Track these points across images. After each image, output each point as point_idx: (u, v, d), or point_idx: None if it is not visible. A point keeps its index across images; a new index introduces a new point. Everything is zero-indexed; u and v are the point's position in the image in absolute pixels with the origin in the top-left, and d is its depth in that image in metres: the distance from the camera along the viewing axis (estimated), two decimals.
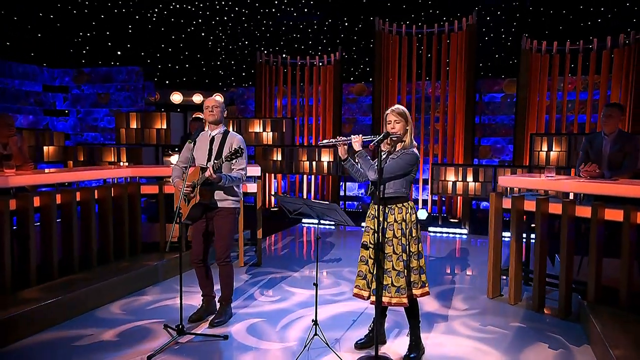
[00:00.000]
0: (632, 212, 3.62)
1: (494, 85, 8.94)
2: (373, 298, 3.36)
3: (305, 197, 9.27)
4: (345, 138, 3.44)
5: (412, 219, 3.34)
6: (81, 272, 4.58)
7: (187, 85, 10.37)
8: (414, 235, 3.34)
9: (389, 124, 3.36)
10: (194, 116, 6.89)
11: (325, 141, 3.64)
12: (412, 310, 3.43)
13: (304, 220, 8.53)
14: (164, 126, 7.96)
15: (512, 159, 8.09)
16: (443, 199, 8.43)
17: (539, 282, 4.21)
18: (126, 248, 5.16)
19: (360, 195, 9.76)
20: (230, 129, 3.79)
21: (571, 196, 4.52)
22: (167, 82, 10.35)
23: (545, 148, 7.18)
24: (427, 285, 3.40)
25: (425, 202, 8.58)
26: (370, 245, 3.44)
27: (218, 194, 3.88)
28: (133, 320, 3.98)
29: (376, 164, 3.35)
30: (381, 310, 3.61)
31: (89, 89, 10.57)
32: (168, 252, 5.35)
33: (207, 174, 3.63)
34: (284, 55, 9.50)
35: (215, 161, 3.70)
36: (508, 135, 8.88)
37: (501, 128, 8.94)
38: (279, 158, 8.66)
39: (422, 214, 8.15)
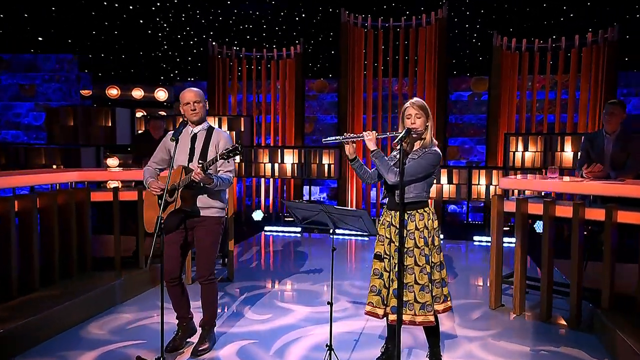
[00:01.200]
0: None
1: (462, 84, 8.95)
2: (392, 317, 3.06)
3: (263, 202, 8.85)
4: (354, 135, 3.13)
5: (434, 226, 3.08)
6: (21, 294, 3.95)
7: (124, 79, 9.59)
8: (436, 244, 3.08)
9: (408, 118, 3.07)
10: (152, 114, 6.25)
11: (331, 138, 3.30)
12: (434, 328, 3.16)
13: (266, 228, 8.11)
14: (109, 124, 7.25)
15: (485, 160, 8.11)
16: None
17: (547, 290, 4.09)
18: (74, 265, 4.54)
19: (322, 200, 9.46)
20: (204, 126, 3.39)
21: (552, 197, 4.46)
22: (100, 74, 9.51)
23: (520, 148, 7.22)
24: (449, 299, 3.15)
25: None
26: (386, 257, 3.14)
27: (201, 200, 3.42)
28: (91, 349, 3.43)
29: (395, 165, 3.08)
30: (391, 332, 3.32)
31: (8, 79, 9.51)
32: (125, 270, 4.83)
33: (195, 175, 3.18)
34: (237, 48, 9.03)
35: (200, 161, 3.25)
36: (477, 136, 8.93)
37: (469, 128, 8.97)
38: (237, 160, 8.18)
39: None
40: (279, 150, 8.07)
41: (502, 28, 8.00)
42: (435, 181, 3.23)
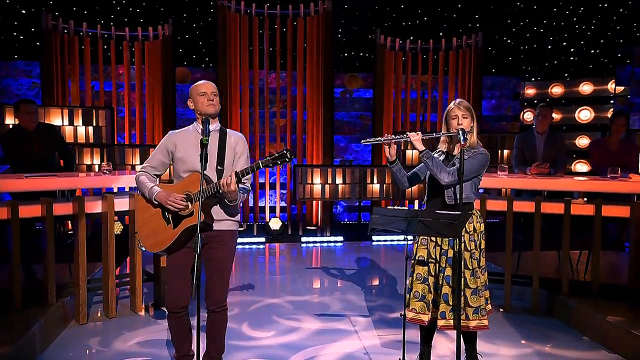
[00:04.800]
0: (604, 206, 4.39)
1: (335, 80, 9.36)
2: (441, 322, 3.19)
3: None
4: (394, 136, 3.19)
5: (482, 229, 3.28)
6: None
7: None
8: (482, 247, 3.29)
9: (454, 119, 3.21)
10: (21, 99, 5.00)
11: (371, 140, 3.31)
12: (474, 333, 3.36)
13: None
14: None
15: (371, 159, 8.63)
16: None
17: (509, 281, 4.67)
18: None
19: None
20: None
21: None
22: None
23: (410, 147, 7.91)
24: (489, 302, 3.39)
25: (273, 209, 8.40)
26: (431, 261, 3.25)
27: (215, 211, 3.05)
28: None
29: (449, 165, 3.21)
30: (427, 335, 3.43)
31: None
32: (32, 307, 3.95)
33: (227, 186, 2.83)
34: (86, 24, 7.91)
35: (236, 171, 2.89)
36: (351, 133, 9.44)
37: (343, 125, 9.44)
38: (97, 162, 7.19)
39: (276, 224, 7.98)
40: (150, 150, 7.35)
41: (384, 27, 8.62)
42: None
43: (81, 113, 7.21)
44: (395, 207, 3.14)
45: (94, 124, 7.28)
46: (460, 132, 3.05)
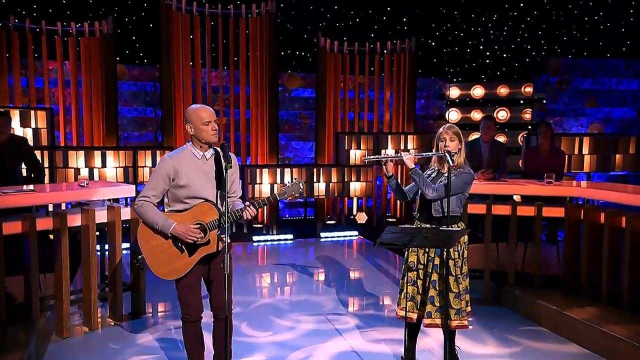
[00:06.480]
0: (543, 208, 5.12)
1: None
2: (427, 321, 3.69)
3: None
4: (392, 155, 3.63)
5: (465, 240, 3.79)
6: None
7: None
8: (465, 256, 3.80)
9: (442, 141, 3.69)
10: None
11: (373, 157, 3.71)
12: (453, 331, 3.88)
13: None
14: None
15: (315, 158, 9.02)
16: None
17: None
18: None
19: None
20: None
21: None
22: None
23: (354, 147, 8.41)
24: (469, 304, 3.91)
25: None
26: (420, 266, 3.72)
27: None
28: None
29: (432, 181, 3.68)
30: (413, 331, 3.91)
31: None
32: (16, 325, 3.96)
33: (251, 216, 3.18)
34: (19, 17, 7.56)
35: (256, 201, 3.21)
36: (290, 132, 9.77)
37: (283, 124, 9.72)
38: None
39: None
40: (93, 152, 7.24)
41: (324, 29, 8.99)
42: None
43: (18, 114, 6.94)
44: (405, 226, 3.55)
45: (33, 126, 7.03)
46: (447, 154, 3.54)
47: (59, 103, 7.96)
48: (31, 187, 4.41)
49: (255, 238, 7.98)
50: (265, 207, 3.27)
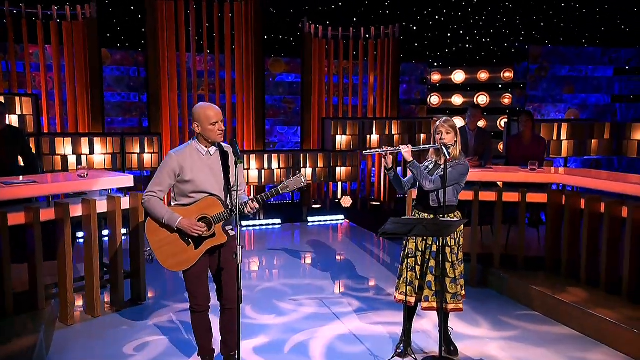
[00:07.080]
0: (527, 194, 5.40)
1: None
2: (424, 304, 3.94)
3: None
4: (392, 148, 3.81)
5: (461, 228, 4.01)
6: None
7: None
8: (460, 243, 4.03)
9: (438, 134, 3.88)
10: None
11: (371, 150, 3.90)
12: (448, 314, 4.12)
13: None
14: None
15: (300, 144, 9.15)
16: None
17: None
18: None
19: None
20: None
21: None
22: None
23: (340, 132, 8.56)
24: (464, 289, 4.15)
25: None
26: (418, 252, 3.94)
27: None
28: None
29: (429, 173, 3.88)
30: (410, 314, 4.15)
31: None
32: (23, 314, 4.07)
33: (255, 209, 3.31)
34: None
35: (259, 196, 3.35)
36: (275, 117, 9.86)
37: (268, 109, 9.78)
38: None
39: None
40: (80, 139, 7.24)
41: (310, 13, 9.05)
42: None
43: (3, 101, 6.87)
44: (407, 217, 3.74)
45: (18, 113, 6.98)
46: (443, 147, 3.74)
47: (40, 88, 7.90)
48: (32, 178, 4.47)
49: (244, 223, 8.11)
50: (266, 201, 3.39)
